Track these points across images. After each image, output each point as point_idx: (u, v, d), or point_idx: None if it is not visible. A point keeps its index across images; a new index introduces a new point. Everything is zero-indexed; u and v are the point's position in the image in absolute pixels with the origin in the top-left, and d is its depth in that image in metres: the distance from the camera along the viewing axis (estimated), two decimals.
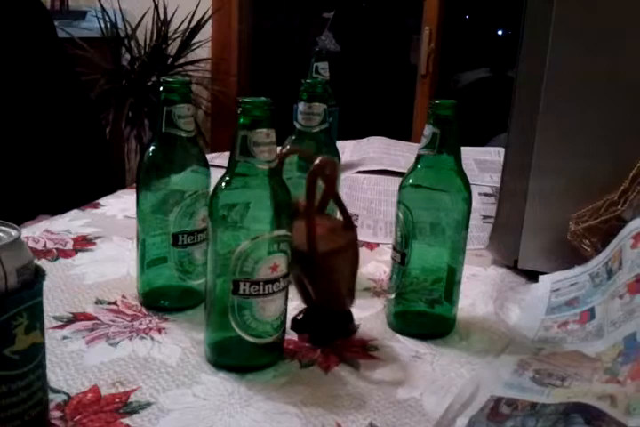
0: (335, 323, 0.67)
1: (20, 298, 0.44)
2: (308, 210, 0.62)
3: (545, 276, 0.79)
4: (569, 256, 0.76)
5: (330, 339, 0.66)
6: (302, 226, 0.61)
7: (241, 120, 0.56)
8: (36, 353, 0.47)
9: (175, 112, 0.66)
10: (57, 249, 0.86)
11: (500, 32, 3.48)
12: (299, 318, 0.66)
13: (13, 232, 0.46)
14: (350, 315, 0.68)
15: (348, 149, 1.41)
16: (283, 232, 0.58)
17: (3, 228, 0.46)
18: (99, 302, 0.72)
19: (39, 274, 0.47)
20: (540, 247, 0.81)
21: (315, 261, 0.62)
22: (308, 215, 0.61)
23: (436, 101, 0.64)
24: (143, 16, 2.87)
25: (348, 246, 0.66)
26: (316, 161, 0.62)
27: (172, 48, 2.92)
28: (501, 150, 0.93)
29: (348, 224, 0.66)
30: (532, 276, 0.81)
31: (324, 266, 0.63)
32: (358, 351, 0.65)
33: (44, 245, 0.86)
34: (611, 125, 0.77)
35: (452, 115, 0.64)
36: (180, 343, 0.64)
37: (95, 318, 0.68)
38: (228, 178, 0.58)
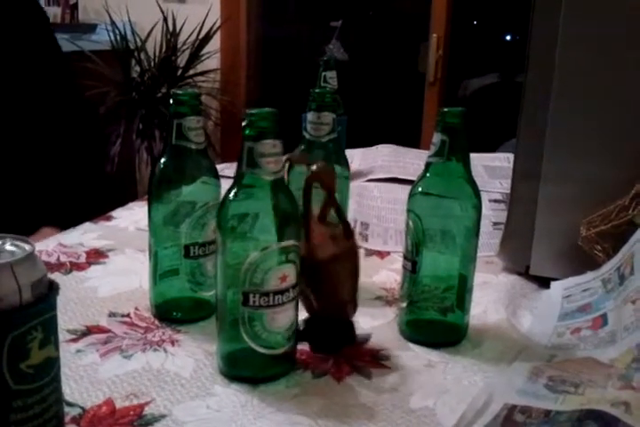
0: (337, 331, 0.67)
1: (34, 312, 0.44)
2: (305, 217, 0.62)
3: (557, 282, 0.79)
4: (580, 262, 0.76)
5: (333, 347, 0.66)
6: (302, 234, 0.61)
7: (247, 132, 0.56)
8: (50, 367, 0.47)
9: (185, 124, 0.67)
10: (70, 262, 0.86)
11: (508, 37, 3.48)
12: (301, 328, 0.66)
13: (27, 247, 0.46)
14: (351, 323, 0.68)
15: (357, 158, 1.41)
16: (291, 242, 0.58)
17: (16, 242, 0.47)
18: (112, 314, 0.73)
19: (53, 288, 0.47)
20: (552, 253, 0.81)
21: (314, 267, 0.62)
22: (306, 223, 0.62)
23: (445, 109, 0.64)
24: (152, 28, 2.90)
25: (346, 253, 0.66)
26: (312, 168, 0.62)
27: (182, 59, 2.94)
28: (511, 156, 0.93)
29: (348, 232, 0.67)
30: (544, 282, 0.81)
31: (324, 272, 0.63)
32: (370, 361, 0.65)
33: (58, 259, 0.87)
34: (621, 130, 0.77)
35: (461, 122, 0.64)
36: (193, 355, 0.65)
37: (109, 331, 0.69)
38: (235, 189, 0.58)
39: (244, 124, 0.56)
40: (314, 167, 0.63)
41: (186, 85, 2.90)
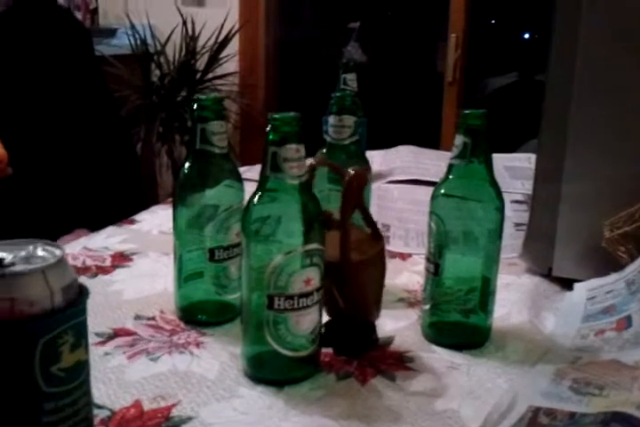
0: (358, 335, 0.67)
1: (65, 316, 0.45)
2: (343, 222, 0.62)
3: (580, 283, 0.78)
4: (604, 263, 0.76)
5: (354, 351, 0.66)
6: (333, 237, 0.62)
7: (270, 136, 0.57)
8: (80, 370, 0.48)
9: (209, 129, 0.68)
10: (96, 266, 0.87)
11: (526, 36, 3.46)
12: (322, 331, 0.67)
13: (57, 252, 0.47)
14: (374, 327, 0.69)
15: (377, 159, 1.41)
16: (315, 246, 0.59)
17: (47, 247, 0.48)
18: (138, 317, 0.74)
19: (83, 292, 0.48)
20: (575, 255, 0.81)
21: (347, 270, 0.63)
22: (345, 228, 0.62)
23: (466, 111, 0.64)
24: (172, 32, 2.92)
25: (377, 257, 0.66)
26: (351, 172, 0.63)
27: (201, 63, 2.95)
28: (532, 157, 0.93)
29: (377, 235, 0.67)
30: (567, 284, 0.81)
31: (356, 277, 0.64)
32: (394, 363, 0.65)
33: (84, 262, 0.88)
34: None
35: (483, 124, 0.64)
36: (218, 357, 0.65)
37: (135, 334, 0.70)
38: (259, 193, 0.59)
39: (267, 128, 0.57)
40: (352, 171, 0.63)
41: (205, 89, 2.92)
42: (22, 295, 0.44)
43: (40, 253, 0.47)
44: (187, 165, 0.70)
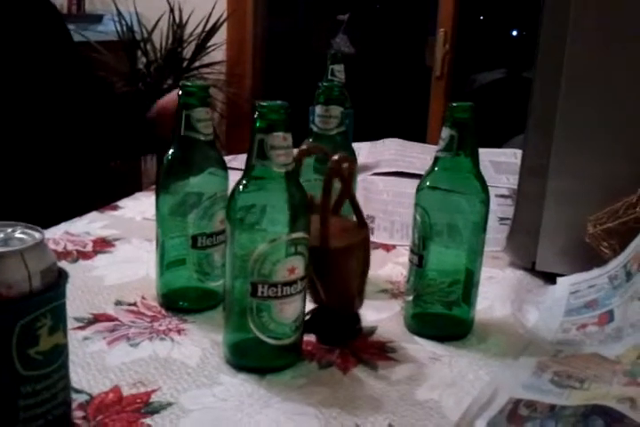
0: (342, 324, 0.67)
1: (44, 299, 0.45)
2: (323, 206, 0.62)
3: (563, 278, 0.79)
4: (587, 258, 0.76)
5: (338, 340, 0.66)
6: (316, 222, 0.62)
7: (258, 124, 0.56)
8: (59, 354, 0.47)
9: (194, 116, 0.67)
10: (77, 251, 0.86)
11: (514, 32, 3.47)
12: (307, 318, 0.67)
13: (37, 235, 0.47)
14: (358, 316, 0.68)
15: (363, 151, 1.41)
16: (300, 235, 0.58)
17: (26, 230, 0.47)
18: (119, 303, 0.73)
19: (62, 276, 0.47)
20: (558, 249, 0.81)
21: (326, 257, 0.62)
22: (324, 212, 0.62)
23: (454, 104, 0.64)
24: (159, 19, 2.89)
25: (360, 244, 0.66)
26: (334, 157, 0.62)
27: (188, 51, 2.93)
28: (518, 152, 0.93)
29: (362, 223, 0.67)
30: (550, 278, 0.81)
31: (336, 263, 0.63)
32: (376, 353, 0.65)
33: (65, 247, 0.87)
34: (630, 127, 0.77)
35: (470, 117, 0.64)
36: (199, 344, 0.65)
37: (115, 319, 0.69)
38: (245, 181, 0.58)
39: (255, 116, 0.56)
40: (335, 157, 0.63)
41: (192, 77, 2.90)
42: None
43: (19, 235, 0.46)
44: (171, 151, 0.70)
